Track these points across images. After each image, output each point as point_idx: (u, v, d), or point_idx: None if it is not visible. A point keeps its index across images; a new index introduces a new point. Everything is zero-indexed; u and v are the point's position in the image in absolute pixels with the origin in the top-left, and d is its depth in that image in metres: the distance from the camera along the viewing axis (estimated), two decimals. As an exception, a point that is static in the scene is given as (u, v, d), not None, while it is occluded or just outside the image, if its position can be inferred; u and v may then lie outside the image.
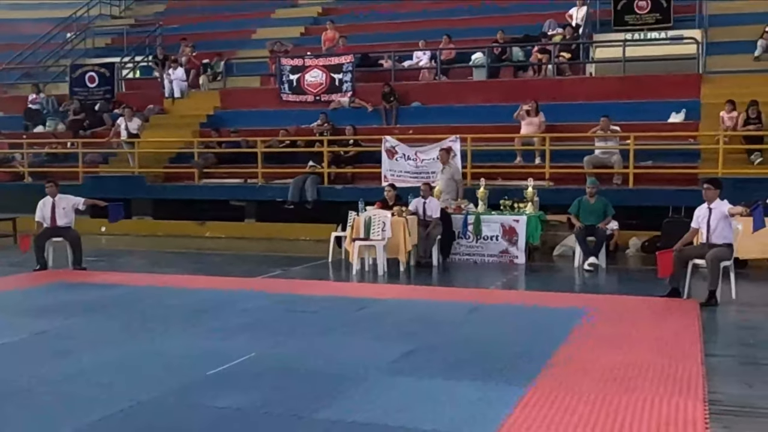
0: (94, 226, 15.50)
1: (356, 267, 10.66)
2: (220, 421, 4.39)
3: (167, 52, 20.46)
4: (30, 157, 17.60)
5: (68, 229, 11.06)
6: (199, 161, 16.19)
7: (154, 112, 18.43)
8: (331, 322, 7.22)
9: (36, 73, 22.01)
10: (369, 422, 4.28)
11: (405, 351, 5.96)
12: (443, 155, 12.89)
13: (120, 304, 8.21)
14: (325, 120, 16.20)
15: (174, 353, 6.05)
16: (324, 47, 19.06)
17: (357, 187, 14.78)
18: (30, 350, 6.27)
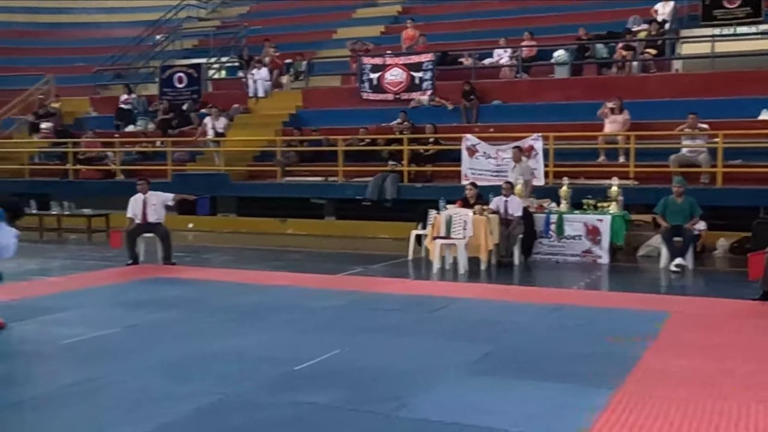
0: (181, 222, 15.97)
1: (437, 265, 10.70)
2: (309, 416, 4.50)
3: (251, 52, 20.90)
4: (121, 155, 18.26)
5: (158, 225, 11.43)
6: (282, 159, 16.49)
7: (239, 112, 18.85)
8: (411, 320, 7.29)
9: (127, 74, 22.78)
10: (455, 422, 4.31)
11: (486, 351, 5.97)
12: (515, 153, 12.79)
13: (207, 300, 8.45)
14: (405, 118, 16.28)
15: (260, 348, 6.20)
16: (404, 46, 19.13)
17: (436, 186, 14.80)
18: (123, 343, 6.51)
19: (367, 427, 4.31)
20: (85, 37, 26.90)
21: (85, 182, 18.00)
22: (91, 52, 24.65)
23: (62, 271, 10.78)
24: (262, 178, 16.88)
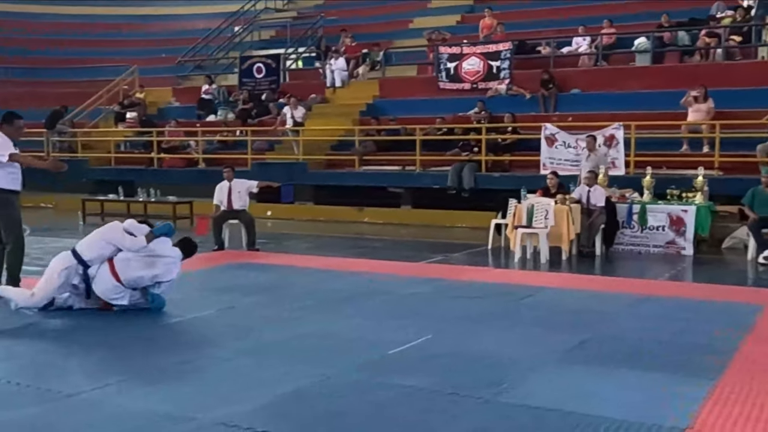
0: (260, 210, 16.31)
1: (518, 255, 10.71)
2: (407, 398, 4.58)
3: (328, 42, 21.15)
4: (203, 144, 18.75)
5: (243, 211, 11.74)
6: (359, 149, 16.69)
7: (316, 101, 19.13)
8: (498, 308, 7.34)
9: (208, 65, 23.34)
10: (555, 408, 4.35)
11: (579, 340, 5.98)
12: (590, 142, 12.61)
13: (294, 284, 8.65)
14: (483, 108, 16.27)
15: (350, 332, 6.34)
16: (481, 35, 19.08)
17: (514, 175, 14.78)
18: (218, 325, 6.73)
19: (469, 410, 4.37)
20: (168, 29, 27.65)
21: (168, 170, 18.56)
22: (173, 43, 25.32)
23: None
24: (339, 167, 17.12)
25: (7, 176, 7.63)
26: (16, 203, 7.78)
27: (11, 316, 6.84)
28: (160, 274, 6.94)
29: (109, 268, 6.86)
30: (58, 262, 6.94)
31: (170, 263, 7.01)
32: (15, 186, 7.71)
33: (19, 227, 7.84)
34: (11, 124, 7.75)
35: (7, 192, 7.65)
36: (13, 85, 24.30)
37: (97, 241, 6.94)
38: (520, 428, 4.07)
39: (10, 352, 5.66)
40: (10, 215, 7.71)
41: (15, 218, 7.77)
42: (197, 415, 4.27)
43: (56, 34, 27.56)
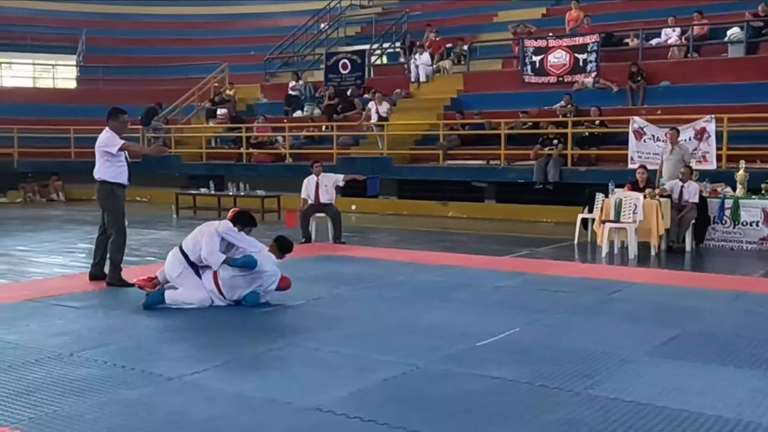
0: (345, 204, 16.55)
1: (605, 249, 10.59)
2: (497, 390, 4.63)
3: (412, 38, 21.25)
4: (290, 139, 19.13)
5: (330, 205, 11.96)
6: (443, 143, 16.73)
7: (401, 96, 19.26)
8: (586, 302, 7.30)
9: (294, 62, 23.77)
10: (648, 402, 4.33)
11: (670, 335, 5.91)
12: (672, 135, 12.19)
13: (382, 277, 8.78)
14: (569, 101, 16.09)
15: (438, 324, 6.40)
16: (568, 27, 18.84)
17: (601, 169, 14.57)
18: (310, 315, 6.91)
19: (560, 402, 4.39)
20: (256, 27, 28.28)
21: (256, 165, 19.04)
22: (261, 41, 25.87)
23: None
24: (423, 161, 17.21)
25: (116, 170, 8.03)
26: (121, 196, 8.18)
27: (114, 306, 7.20)
28: (261, 287, 7.11)
29: (213, 281, 7.03)
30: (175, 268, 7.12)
31: (271, 276, 7.14)
32: (122, 179, 8.11)
33: (122, 219, 8.22)
34: (117, 119, 8.14)
35: (114, 185, 8.06)
36: (111, 83, 25.32)
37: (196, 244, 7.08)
38: (614, 422, 4.05)
39: (114, 338, 5.96)
40: (115, 207, 8.13)
41: (120, 210, 8.17)
42: (292, 400, 4.42)
43: (151, 33, 28.56)
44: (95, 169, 8.10)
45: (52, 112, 23.11)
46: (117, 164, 8.03)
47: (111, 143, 7.95)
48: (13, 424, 4.03)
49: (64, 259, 10.66)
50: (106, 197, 8.11)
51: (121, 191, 8.16)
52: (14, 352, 5.46)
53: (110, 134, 8.00)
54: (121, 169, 8.08)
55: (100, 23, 28.42)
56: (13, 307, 7.02)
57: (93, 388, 4.66)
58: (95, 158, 8.09)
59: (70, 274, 9.15)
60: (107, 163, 8.00)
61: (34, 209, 18.90)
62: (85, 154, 21.69)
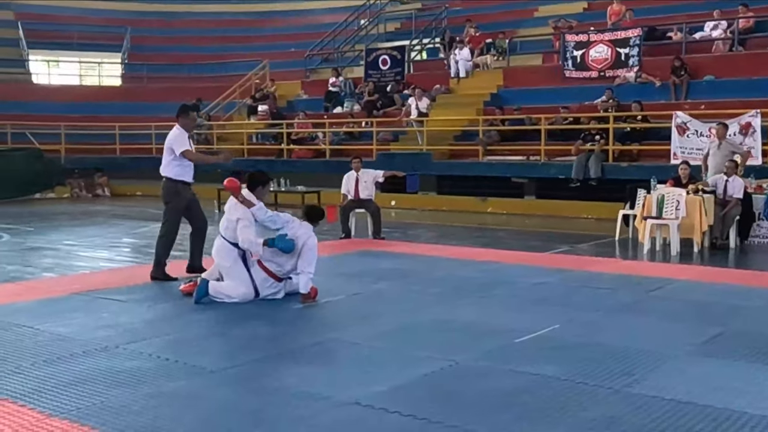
0: (384, 200, 16.60)
1: (647, 246, 10.48)
2: (536, 386, 4.63)
3: (452, 33, 21.20)
4: (330, 135, 19.24)
5: (369, 201, 12.01)
6: (483, 139, 16.69)
7: (440, 92, 19.24)
8: (627, 299, 7.25)
9: (335, 58, 23.88)
10: (689, 401, 4.29)
11: (713, 333, 5.84)
12: (720, 130, 11.95)
13: (421, 272, 8.81)
14: (611, 96, 15.94)
15: (476, 321, 6.40)
16: (610, 22, 18.63)
17: (643, 165, 14.42)
18: (349, 309, 6.98)
19: (599, 400, 4.38)
20: (297, 23, 28.47)
21: (297, 161, 19.18)
22: (301, 37, 26.04)
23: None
24: (463, 157, 17.19)
25: (181, 168, 8.12)
26: (184, 193, 8.24)
27: (158, 300, 7.35)
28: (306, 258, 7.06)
29: (261, 268, 7.12)
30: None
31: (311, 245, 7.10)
32: (187, 177, 8.20)
33: (179, 217, 8.30)
34: (187, 116, 8.28)
35: (178, 182, 8.16)
36: (155, 80, 25.73)
37: (234, 230, 7.09)
38: (654, 420, 4.03)
39: (159, 330, 6.09)
40: (176, 205, 8.23)
41: (180, 209, 8.25)
42: (332, 393, 4.48)
43: (194, 31, 28.94)
44: (162, 166, 8.21)
45: (97, 109, 23.57)
46: (183, 162, 8.09)
47: (178, 142, 8.03)
48: (62, 414, 4.15)
49: (109, 253, 10.90)
50: (169, 194, 8.22)
51: (185, 189, 8.23)
52: (62, 344, 5.61)
53: (179, 132, 8.11)
54: (187, 168, 8.16)
55: (144, 22, 28.86)
56: (61, 301, 7.20)
57: (138, 379, 4.77)
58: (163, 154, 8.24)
59: (116, 269, 9.35)
60: (174, 161, 8.08)
61: (80, 205, 19.29)
62: (129, 151, 22.21)
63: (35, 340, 5.77)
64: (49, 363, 5.13)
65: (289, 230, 7.13)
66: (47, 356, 5.29)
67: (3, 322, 6.28)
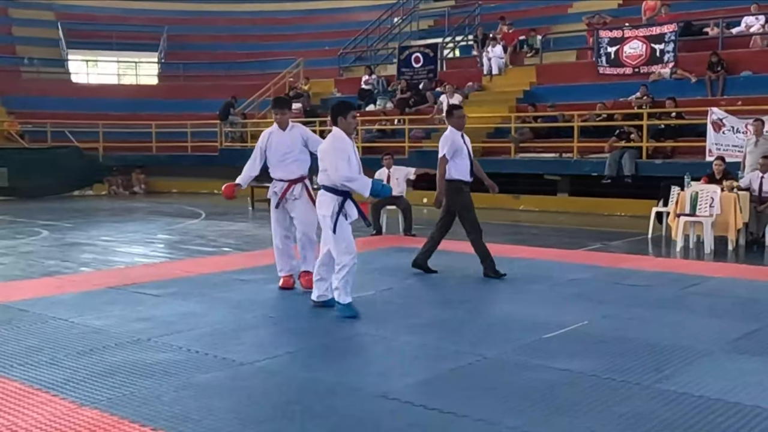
0: (416, 197, 16.60)
1: (680, 244, 10.37)
2: (564, 381, 4.62)
3: (486, 30, 21.13)
4: (363, 133, 19.29)
5: (401, 198, 12.05)
6: (516, 136, 16.62)
7: (473, 89, 19.19)
8: (661, 296, 7.18)
9: (368, 56, 23.94)
10: (719, 398, 4.26)
11: (748, 330, 5.77)
12: (757, 126, 11.77)
13: (449, 269, 8.76)
14: (645, 92, 15.77)
15: (509, 316, 6.42)
16: (644, 17, 18.45)
17: (677, 162, 14.25)
18: (381, 303, 6.99)
19: (627, 395, 4.36)
20: (331, 21, 28.59)
21: (330, 158, 19.21)
22: (335, 35, 26.16)
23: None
24: (496, 154, 17.12)
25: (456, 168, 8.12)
26: (464, 191, 8.30)
27: (193, 294, 7.45)
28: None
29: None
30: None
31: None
32: (464, 176, 8.22)
33: (472, 214, 8.40)
34: (451, 116, 8.41)
35: (457, 181, 8.21)
36: (191, 79, 26.06)
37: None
38: (683, 416, 4.00)
39: (191, 324, 6.17)
40: (463, 204, 8.34)
41: (466, 205, 8.35)
42: (360, 387, 4.53)
43: (228, 30, 29.20)
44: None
45: (135, 107, 23.93)
46: (458, 162, 8.09)
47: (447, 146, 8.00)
48: (93, 404, 4.23)
49: (145, 249, 11.06)
50: (453, 195, 8.27)
51: (465, 187, 8.27)
52: (97, 337, 5.73)
53: (449, 132, 8.14)
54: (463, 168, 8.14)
55: (180, 21, 29.19)
56: (97, 294, 7.34)
57: (168, 371, 4.85)
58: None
59: (151, 264, 9.50)
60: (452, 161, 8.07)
61: (118, 202, 19.61)
62: (166, 148, 22.50)
63: (71, 332, 5.89)
64: (82, 354, 5.24)
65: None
66: (81, 348, 5.40)
67: (41, 315, 6.43)
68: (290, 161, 7.40)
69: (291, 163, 7.41)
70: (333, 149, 6.30)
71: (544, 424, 3.95)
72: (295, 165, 7.42)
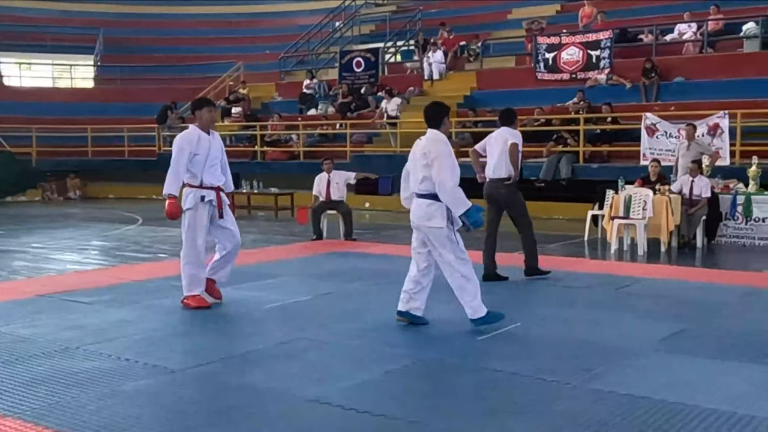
0: (358, 201, 16.61)
1: (614, 246, 10.58)
2: (494, 382, 4.67)
3: (426, 35, 21.27)
4: (304, 137, 19.22)
5: (341, 202, 12.02)
6: (456, 140, 16.71)
7: (414, 94, 19.29)
8: (593, 298, 7.31)
9: (309, 60, 23.85)
10: (644, 396, 4.34)
11: (676, 330, 5.91)
12: (689, 131, 12.07)
13: (390, 273, 8.73)
14: (582, 98, 16.06)
15: (445, 319, 6.40)
16: (581, 24, 18.79)
17: (614, 166, 14.53)
18: (318, 309, 6.95)
19: (555, 395, 4.42)
20: (272, 26, 28.38)
21: (271, 163, 19.13)
22: (276, 40, 25.99)
23: (256, 244, 11.57)
24: (437, 158, 17.18)
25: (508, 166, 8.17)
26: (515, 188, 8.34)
27: (126, 302, 7.30)
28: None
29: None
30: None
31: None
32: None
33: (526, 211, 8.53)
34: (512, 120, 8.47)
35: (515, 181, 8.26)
36: (129, 82, 25.57)
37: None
38: (610, 414, 4.07)
39: (123, 332, 6.04)
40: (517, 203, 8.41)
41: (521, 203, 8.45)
42: (293, 392, 4.49)
43: (167, 32, 28.72)
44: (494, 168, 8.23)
45: (70, 111, 23.37)
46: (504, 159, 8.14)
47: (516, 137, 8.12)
48: (16, 414, 4.11)
49: (78, 256, 10.80)
50: (513, 194, 8.33)
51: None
52: (23, 346, 5.56)
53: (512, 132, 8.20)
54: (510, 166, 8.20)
55: (117, 23, 28.64)
56: (26, 303, 7.13)
57: (95, 380, 4.74)
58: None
59: (84, 271, 9.28)
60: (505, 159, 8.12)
61: (52, 208, 19.12)
62: (102, 153, 22.06)
63: (-4, 341, 5.72)
64: (7, 364, 5.08)
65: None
66: (6, 358, 5.24)
67: (-35, 325, 6.22)
68: (216, 165, 7.04)
69: (217, 167, 7.04)
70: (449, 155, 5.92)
71: (477, 425, 3.97)
72: (219, 170, 7.08)
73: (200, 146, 6.84)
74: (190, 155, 6.79)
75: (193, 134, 6.89)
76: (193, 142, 6.83)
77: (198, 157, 6.83)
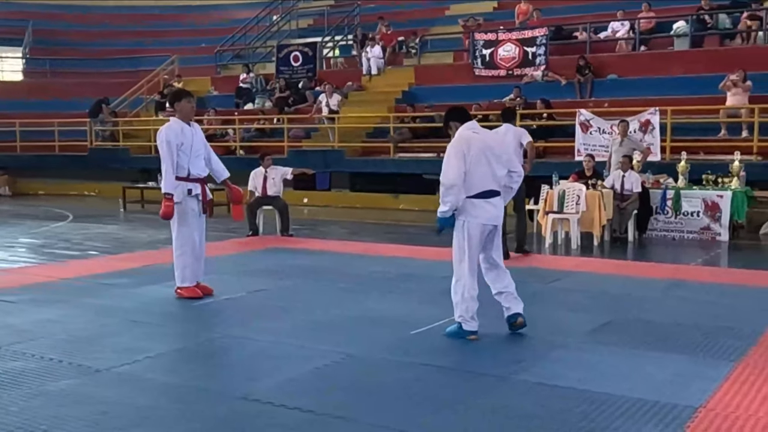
0: (297, 197, 16.51)
1: (548, 240, 10.72)
2: (425, 376, 4.68)
3: (365, 30, 21.23)
4: (241, 132, 18.99)
5: (277, 198, 11.91)
6: (395, 136, 16.76)
7: (353, 89, 19.24)
8: (525, 291, 7.29)
9: (246, 54, 23.57)
10: (571, 386, 4.41)
11: (603, 322, 6.02)
12: (623, 127, 12.34)
13: (326, 269, 8.77)
14: (518, 94, 16.23)
15: (381, 314, 6.43)
16: (517, 21, 19.00)
17: (549, 162, 14.71)
18: (250, 306, 6.89)
19: (484, 388, 4.46)
20: (207, 19, 27.93)
21: (207, 158, 18.81)
22: (212, 33, 25.59)
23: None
24: (375, 154, 17.22)
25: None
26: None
27: (52, 300, 7.09)
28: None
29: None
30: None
31: None
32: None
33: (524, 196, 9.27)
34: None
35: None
36: (59, 76, 24.88)
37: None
38: (535, 405, 4.12)
39: (48, 331, 5.86)
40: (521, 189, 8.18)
41: (523, 191, 8.86)
42: (221, 389, 4.44)
43: (100, 25, 28.08)
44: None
45: (-3, 105, 22.64)
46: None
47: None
48: (-70, 418, 3.95)
49: (4, 253, 10.46)
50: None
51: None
52: (-59, 347, 5.36)
53: (522, 130, 8.96)
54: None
55: (47, 15, 27.87)
56: (-55, 302, 6.88)
57: (18, 381, 4.59)
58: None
59: (9, 269, 8.99)
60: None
61: (-22, 204, 18.51)
62: (32, 148, 21.42)
63: None
64: (-77, 366, 4.89)
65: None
66: None
67: None
68: (200, 156, 7.04)
69: (200, 158, 7.04)
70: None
71: (405, 420, 3.96)
72: (202, 161, 7.08)
73: (184, 137, 6.85)
74: (177, 147, 6.81)
75: (176, 126, 6.89)
76: (177, 133, 6.83)
77: (184, 147, 6.84)
